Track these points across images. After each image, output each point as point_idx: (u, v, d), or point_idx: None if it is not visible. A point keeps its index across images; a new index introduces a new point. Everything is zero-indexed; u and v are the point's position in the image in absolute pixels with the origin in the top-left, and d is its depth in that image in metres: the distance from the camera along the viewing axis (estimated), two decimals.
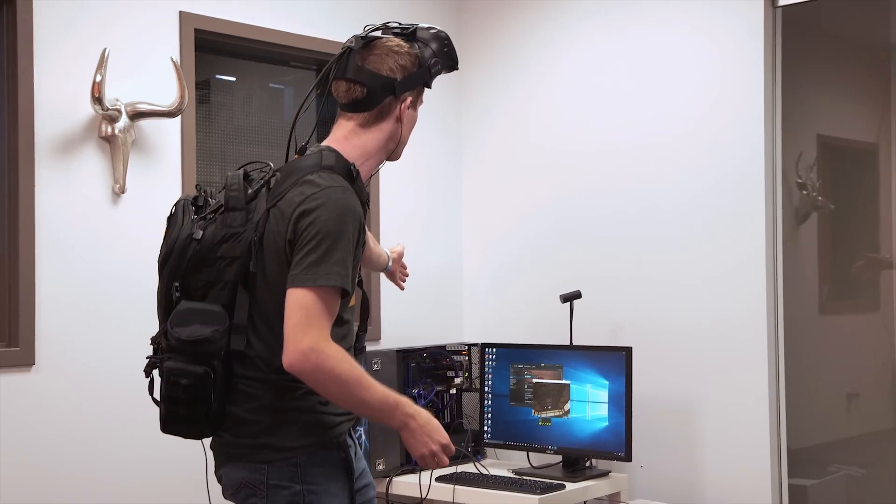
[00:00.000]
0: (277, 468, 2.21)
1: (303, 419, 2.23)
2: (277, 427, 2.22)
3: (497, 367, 3.92)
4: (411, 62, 2.31)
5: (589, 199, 4.11)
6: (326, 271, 2.11)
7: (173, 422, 2.26)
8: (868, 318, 4.73)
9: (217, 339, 2.17)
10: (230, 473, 2.28)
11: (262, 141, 4.07)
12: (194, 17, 3.62)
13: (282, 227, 2.18)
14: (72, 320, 3.33)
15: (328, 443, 2.25)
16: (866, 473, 4.46)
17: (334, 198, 2.16)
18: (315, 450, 2.23)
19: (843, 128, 4.79)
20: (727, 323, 3.71)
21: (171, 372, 2.20)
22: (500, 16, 4.42)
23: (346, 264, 2.14)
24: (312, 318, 2.10)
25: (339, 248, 2.13)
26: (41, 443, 3.24)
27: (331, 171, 2.23)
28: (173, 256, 2.23)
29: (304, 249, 2.13)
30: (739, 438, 3.67)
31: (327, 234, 2.12)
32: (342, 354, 2.12)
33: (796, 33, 3.79)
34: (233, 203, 2.23)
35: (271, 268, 2.19)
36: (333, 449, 2.26)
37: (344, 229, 2.14)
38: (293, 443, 2.21)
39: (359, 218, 2.20)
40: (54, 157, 3.29)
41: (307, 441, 2.22)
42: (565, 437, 3.75)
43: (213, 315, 2.19)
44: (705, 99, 3.80)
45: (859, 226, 4.77)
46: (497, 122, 4.45)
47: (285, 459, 2.21)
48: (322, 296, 2.11)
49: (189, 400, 2.20)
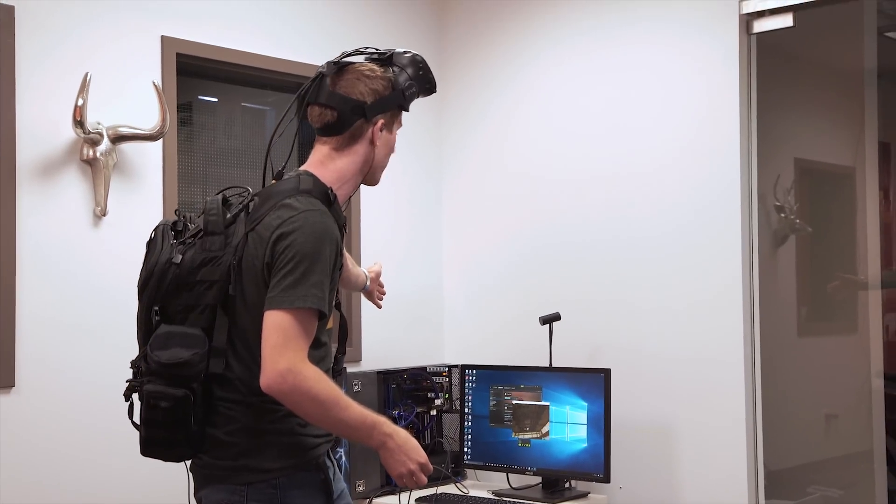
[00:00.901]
0: (257, 490, 2.23)
1: (282, 441, 2.24)
2: (257, 449, 2.24)
3: (477, 388, 3.94)
4: (384, 86, 2.34)
5: (567, 224, 4.14)
6: (303, 293, 2.13)
7: (153, 445, 2.27)
8: (846, 340, 4.77)
9: (196, 363, 2.19)
10: (210, 495, 2.29)
11: (244, 163, 4.09)
12: (176, 41, 3.65)
13: (260, 251, 2.20)
14: (52, 342, 3.33)
15: (307, 464, 2.27)
16: (844, 494, 4.49)
17: (311, 221, 2.19)
18: (294, 472, 2.25)
19: (820, 152, 4.85)
20: (705, 345, 3.74)
21: (150, 395, 2.21)
22: (479, 42, 4.46)
23: (323, 287, 2.17)
24: (289, 340, 2.12)
25: (315, 271, 2.15)
26: (21, 464, 3.24)
27: (308, 194, 2.26)
28: (153, 280, 2.25)
29: (281, 272, 2.15)
30: (717, 460, 3.69)
31: (304, 257, 2.15)
32: (319, 375, 2.14)
33: (772, 59, 3.84)
34: (212, 227, 2.26)
35: (250, 291, 2.21)
36: (313, 470, 2.28)
37: (320, 252, 2.17)
38: (272, 464, 2.23)
39: (335, 241, 2.23)
40: (36, 180, 3.31)
41: (286, 463, 2.24)
42: (544, 459, 3.77)
43: (192, 338, 2.21)
44: (682, 124, 3.84)
45: (836, 248, 4.82)
46: (477, 147, 4.48)
47: (265, 481, 2.23)
48: (299, 318, 2.13)
49: (169, 423, 2.21)
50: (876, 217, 4.47)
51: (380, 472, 3.81)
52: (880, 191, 4.57)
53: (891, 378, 4.43)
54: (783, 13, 3.65)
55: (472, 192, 4.51)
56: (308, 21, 4.11)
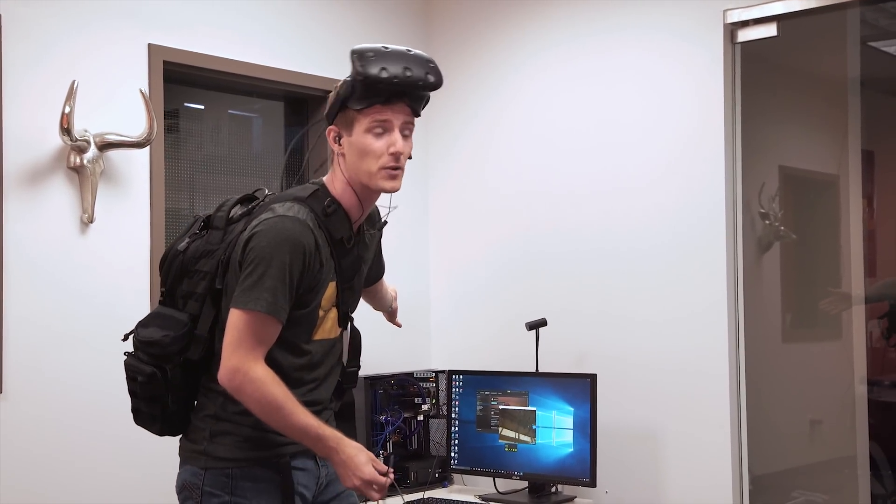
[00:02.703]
0: (213, 475, 2.32)
1: (241, 433, 2.32)
2: (217, 436, 2.34)
3: (464, 393, 3.96)
4: (336, 93, 2.33)
5: (553, 231, 4.16)
6: (256, 296, 2.20)
7: (138, 415, 2.43)
8: (830, 346, 4.80)
9: (166, 345, 2.30)
10: (181, 474, 2.40)
11: (230, 170, 4.10)
12: (163, 49, 3.65)
13: (238, 250, 2.29)
14: (40, 349, 3.34)
15: (264, 460, 2.33)
16: (828, 499, 4.51)
17: (278, 227, 2.24)
18: (250, 466, 2.32)
19: (805, 159, 4.89)
20: (690, 350, 3.76)
21: (126, 367, 2.37)
22: (464, 50, 4.48)
23: (276, 292, 2.21)
24: (242, 340, 2.21)
25: (269, 276, 2.21)
26: (9, 471, 3.24)
27: (300, 202, 2.30)
28: (165, 265, 2.40)
29: (244, 273, 2.24)
30: (702, 464, 3.71)
31: (261, 261, 2.22)
32: (267, 378, 2.21)
33: (756, 68, 3.87)
34: (216, 222, 2.38)
35: (231, 286, 2.29)
36: (272, 469, 2.33)
37: (276, 257, 2.21)
38: (227, 454, 2.32)
39: (301, 250, 2.24)
40: (23, 188, 3.31)
41: (241, 455, 2.32)
42: (531, 463, 3.79)
43: (172, 322, 2.33)
44: (667, 132, 3.86)
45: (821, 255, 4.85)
46: (463, 154, 4.50)
47: (219, 469, 2.32)
48: (252, 319, 2.21)
49: (145, 397, 2.36)
50: (859, 224, 4.50)
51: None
52: (864, 198, 4.60)
53: (874, 384, 4.46)
54: (767, 23, 3.68)
55: (458, 199, 4.52)
56: (294, 29, 4.13)
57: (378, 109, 2.28)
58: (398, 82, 2.24)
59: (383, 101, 2.27)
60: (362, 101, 2.27)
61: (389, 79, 2.22)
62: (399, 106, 2.30)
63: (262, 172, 4.24)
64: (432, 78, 2.29)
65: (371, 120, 2.28)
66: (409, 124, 2.34)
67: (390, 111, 2.29)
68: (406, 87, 2.26)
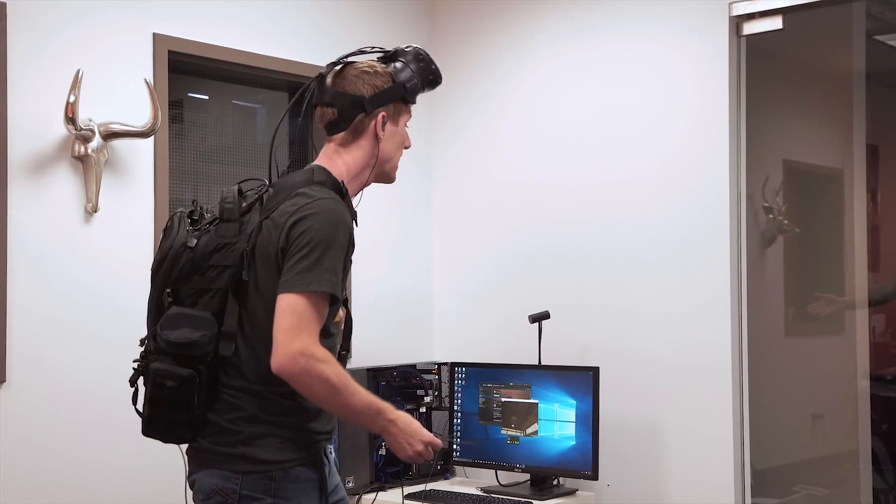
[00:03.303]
0: (252, 480, 2.25)
1: (284, 434, 2.28)
2: (257, 439, 2.27)
3: (466, 386, 3.96)
4: (383, 80, 2.39)
5: (557, 223, 4.16)
6: (317, 277, 2.18)
7: (154, 425, 2.30)
8: (833, 341, 4.80)
9: (205, 344, 2.23)
10: (203, 479, 2.31)
11: (234, 160, 4.10)
12: (168, 38, 3.65)
13: (274, 237, 2.25)
14: (43, 337, 3.34)
15: (305, 460, 2.30)
16: (830, 493, 4.52)
17: (327, 208, 2.25)
18: (292, 466, 2.28)
19: (809, 153, 4.88)
20: (693, 344, 3.76)
21: (157, 373, 2.24)
22: (469, 43, 4.48)
23: (336, 272, 2.22)
24: (303, 323, 2.16)
25: (329, 256, 2.20)
26: (14, 460, 3.25)
27: (322, 185, 2.32)
28: (166, 263, 2.31)
29: (295, 256, 2.20)
30: (704, 458, 3.71)
31: (319, 242, 2.20)
32: (331, 358, 2.19)
33: (761, 61, 3.87)
34: (227, 214, 2.32)
35: (263, 276, 2.25)
36: (310, 466, 2.31)
37: (335, 238, 2.22)
38: (271, 457, 2.26)
39: (349, 229, 2.28)
40: (27, 177, 3.31)
41: (285, 457, 2.27)
42: (533, 456, 3.79)
43: (202, 321, 2.26)
44: (671, 125, 3.86)
45: (824, 249, 4.85)
46: (467, 147, 4.50)
47: (261, 472, 2.25)
48: (312, 301, 2.18)
49: (173, 402, 2.24)
50: (864, 218, 4.50)
51: (369, 468, 3.83)
52: (868, 192, 4.60)
53: (877, 378, 4.46)
54: (773, 15, 3.67)
55: (461, 192, 4.52)
56: (299, 19, 4.12)
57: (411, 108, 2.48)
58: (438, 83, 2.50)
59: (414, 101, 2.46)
60: (414, 97, 2.44)
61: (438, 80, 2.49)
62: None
63: (265, 162, 4.21)
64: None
65: (409, 116, 2.47)
66: None
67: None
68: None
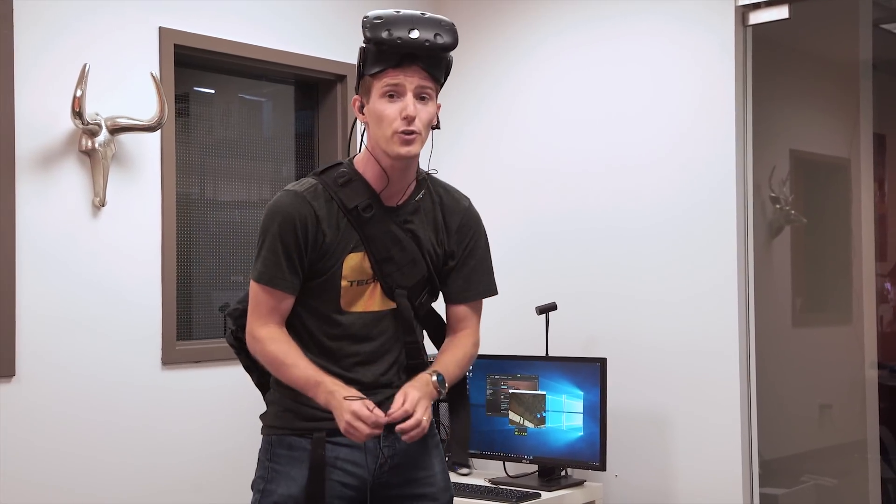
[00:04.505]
0: (263, 442, 2.43)
1: (283, 403, 2.39)
2: (269, 405, 2.45)
3: (474, 377, 3.96)
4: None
5: (564, 215, 4.16)
6: (254, 267, 2.34)
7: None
8: (840, 330, 4.80)
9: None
10: None
11: (241, 154, 4.11)
12: (174, 32, 3.65)
13: None
14: (52, 331, 3.35)
15: (302, 432, 2.35)
16: (838, 483, 4.52)
17: (273, 201, 2.35)
18: (286, 434, 2.37)
19: (815, 143, 4.87)
20: (700, 335, 3.76)
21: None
22: (476, 33, 4.47)
23: (267, 262, 2.30)
24: (252, 307, 2.36)
25: (264, 247, 2.32)
26: (21, 453, 3.26)
27: (317, 175, 2.37)
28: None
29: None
30: (712, 448, 3.72)
31: (260, 234, 2.34)
32: (267, 337, 2.31)
33: (767, 51, 3.86)
34: None
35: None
36: (306, 438, 2.34)
37: (268, 229, 2.32)
38: (270, 422, 2.42)
39: (291, 220, 2.29)
40: (35, 171, 3.32)
41: (279, 423, 2.39)
42: (541, 447, 3.80)
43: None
44: (678, 115, 3.85)
45: (831, 239, 4.84)
46: (473, 138, 4.49)
47: (265, 436, 2.42)
48: (254, 288, 2.34)
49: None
50: (871, 208, 4.49)
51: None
52: (875, 182, 4.59)
53: (885, 368, 4.46)
54: (779, 5, 3.66)
55: (468, 183, 4.45)
56: (305, 12, 4.12)
57: (391, 74, 2.25)
58: (401, 43, 2.22)
59: (395, 64, 2.25)
60: (375, 66, 2.26)
61: (393, 40, 2.22)
62: (412, 69, 2.26)
63: (272, 156, 4.24)
64: (441, 39, 2.26)
65: (384, 85, 2.26)
66: (427, 88, 2.29)
67: (402, 75, 2.25)
68: (412, 48, 2.23)
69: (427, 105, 2.30)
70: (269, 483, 2.35)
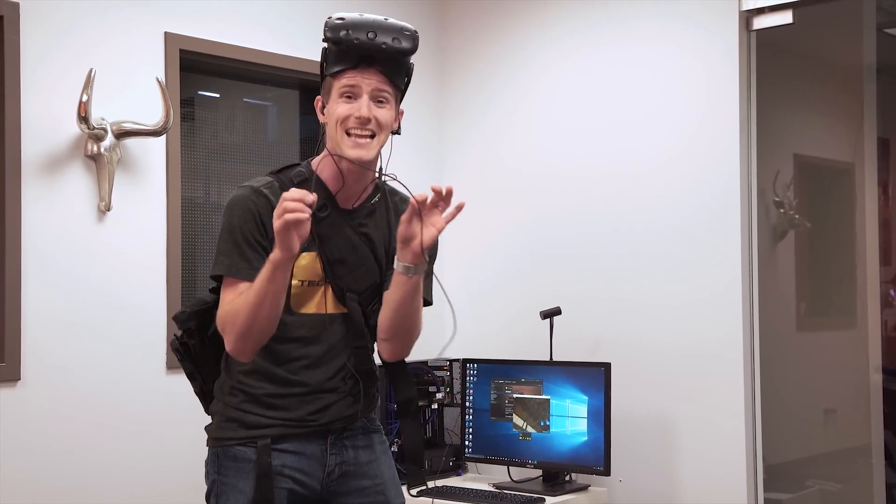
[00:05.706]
0: (209, 454, 2.39)
1: (226, 413, 2.36)
2: (212, 416, 2.41)
3: (478, 382, 3.97)
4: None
5: (568, 219, 4.16)
6: (214, 265, 2.29)
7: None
8: (845, 335, 4.80)
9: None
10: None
11: (245, 158, 4.11)
12: (179, 37, 3.66)
13: None
14: (57, 336, 3.36)
15: (245, 441, 2.33)
16: (842, 488, 4.52)
17: (232, 196, 2.32)
18: (231, 445, 2.34)
19: (819, 147, 4.88)
20: (705, 339, 3.76)
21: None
22: (481, 37, 4.48)
23: (226, 254, 2.26)
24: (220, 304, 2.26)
25: (222, 239, 2.29)
26: (27, 457, 3.27)
27: (274, 173, 2.37)
28: None
29: None
30: (717, 453, 3.71)
31: (221, 228, 2.31)
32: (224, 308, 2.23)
33: (771, 56, 3.86)
34: None
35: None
36: (251, 448, 2.32)
37: (227, 222, 2.29)
38: (214, 434, 2.38)
39: (249, 210, 2.26)
40: (40, 176, 3.33)
41: (223, 434, 2.35)
42: (545, 452, 3.80)
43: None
44: (682, 120, 3.86)
45: (836, 244, 4.84)
46: (478, 142, 4.50)
47: (211, 449, 2.38)
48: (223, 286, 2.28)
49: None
50: (875, 212, 4.49)
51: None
52: (879, 186, 4.59)
53: (889, 373, 4.46)
54: (783, 10, 3.67)
55: (472, 187, 4.52)
56: (309, 17, 4.12)
57: (349, 75, 2.26)
58: (359, 44, 2.24)
59: (353, 66, 2.26)
60: (334, 66, 2.28)
61: (350, 40, 2.23)
62: (370, 72, 2.26)
63: (276, 160, 4.24)
64: (400, 43, 2.26)
65: (342, 85, 2.27)
66: (384, 92, 2.28)
67: (360, 76, 2.26)
68: (369, 50, 2.24)
69: (384, 108, 2.29)
70: (219, 497, 2.34)
